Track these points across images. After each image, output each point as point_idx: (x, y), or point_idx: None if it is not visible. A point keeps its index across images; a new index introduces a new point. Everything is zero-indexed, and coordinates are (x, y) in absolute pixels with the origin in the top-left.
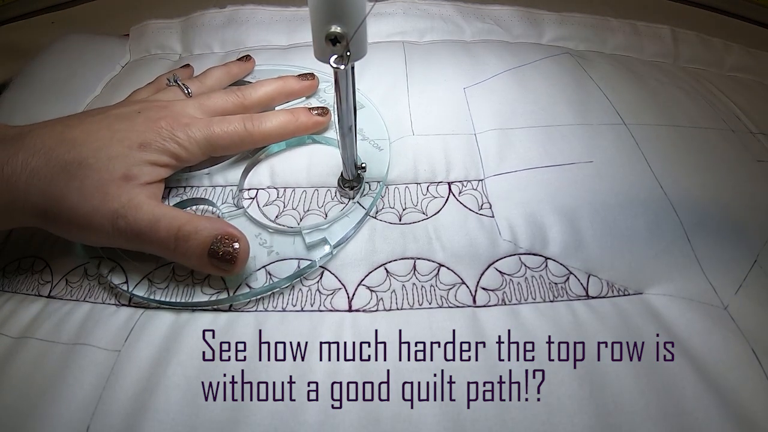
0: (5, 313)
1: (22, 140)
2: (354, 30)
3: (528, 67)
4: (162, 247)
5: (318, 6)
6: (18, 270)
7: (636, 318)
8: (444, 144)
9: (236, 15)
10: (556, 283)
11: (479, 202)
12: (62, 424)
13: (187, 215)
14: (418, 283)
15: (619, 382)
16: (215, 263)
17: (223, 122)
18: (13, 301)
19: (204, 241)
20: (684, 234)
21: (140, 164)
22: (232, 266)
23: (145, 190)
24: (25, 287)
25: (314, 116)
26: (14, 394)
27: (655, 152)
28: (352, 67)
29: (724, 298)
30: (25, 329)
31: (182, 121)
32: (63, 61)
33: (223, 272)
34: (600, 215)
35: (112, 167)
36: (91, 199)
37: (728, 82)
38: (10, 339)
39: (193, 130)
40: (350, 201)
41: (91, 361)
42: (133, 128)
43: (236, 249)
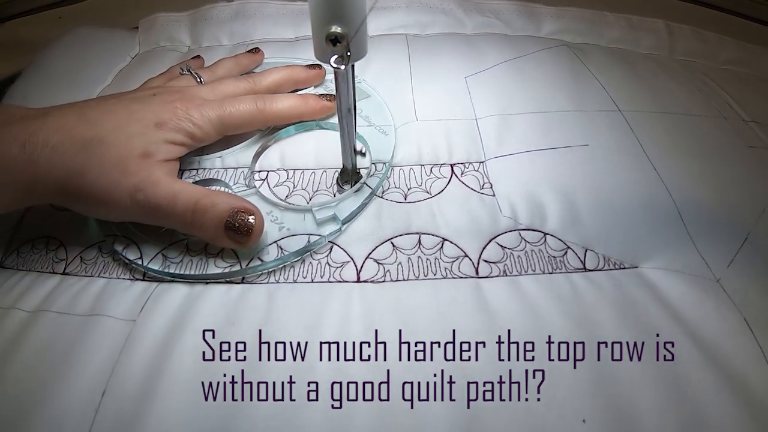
0: (20, 290)
1: (43, 119)
2: (354, 30)
3: (527, 57)
4: (179, 220)
5: (318, 6)
6: (32, 250)
7: (632, 288)
8: (446, 128)
9: (244, 8)
10: (554, 257)
11: (480, 182)
12: (79, 388)
13: (204, 190)
14: (423, 256)
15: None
16: (231, 235)
17: (235, 102)
18: (28, 278)
19: (220, 214)
20: (677, 213)
21: (158, 142)
22: (248, 238)
23: (163, 167)
24: (40, 265)
25: (323, 101)
26: (32, 362)
27: (649, 137)
28: (352, 67)
29: (716, 272)
30: (40, 303)
31: (196, 103)
32: (74, 51)
33: (238, 244)
34: (596, 194)
35: (130, 145)
36: (111, 173)
37: (722, 74)
38: (26, 313)
39: (206, 110)
40: (358, 181)
41: (107, 330)
42: (150, 109)
43: (252, 222)
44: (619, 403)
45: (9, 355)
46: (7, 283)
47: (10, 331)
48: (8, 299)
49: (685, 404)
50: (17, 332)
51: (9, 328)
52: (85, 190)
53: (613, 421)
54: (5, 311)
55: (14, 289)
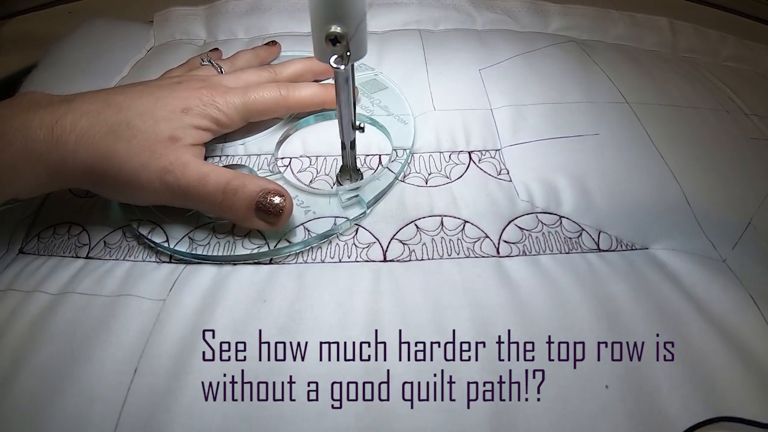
0: (43, 274)
1: (69, 104)
2: (354, 30)
3: (537, 52)
4: (209, 200)
5: (318, 6)
6: (54, 235)
7: (643, 267)
8: (463, 118)
9: (260, 3)
10: (570, 238)
11: (497, 169)
12: (110, 366)
13: (234, 172)
14: (446, 236)
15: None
16: (261, 216)
17: (259, 89)
18: (51, 262)
19: (251, 195)
20: (684, 198)
21: (184, 127)
22: (278, 219)
23: (191, 151)
24: (62, 250)
25: None
26: (59, 341)
27: (655, 127)
28: (352, 67)
29: (722, 253)
30: (65, 286)
31: (221, 90)
32: (90, 42)
33: (268, 225)
34: (607, 180)
35: (158, 128)
36: (140, 156)
37: (723, 70)
38: (50, 295)
39: (231, 97)
40: (380, 166)
41: (136, 309)
42: (176, 95)
43: (282, 203)
44: (639, 372)
45: (35, 335)
46: (29, 267)
47: (33, 313)
48: (30, 283)
49: (698, 373)
50: (42, 314)
51: (32, 310)
52: (113, 173)
53: (633, 389)
54: (27, 294)
55: (36, 274)
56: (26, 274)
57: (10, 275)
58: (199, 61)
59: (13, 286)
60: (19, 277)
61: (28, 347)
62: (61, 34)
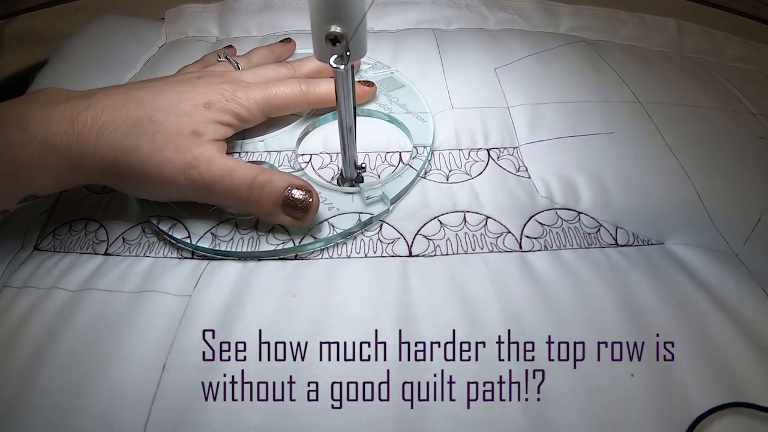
0: (60, 270)
1: (89, 99)
2: (354, 30)
3: (550, 52)
4: (234, 195)
5: (318, 6)
6: (70, 232)
7: (660, 262)
8: (481, 116)
9: (273, 1)
10: (589, 233)
11: (516, 166)
12: (137, 363)
13: (259, 167)
14: (470, 232)
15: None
16: (289, 211)
17: (280, 84)
18: (68, 259)
19: (279, 190)
20: (696, 194)
21: (207, 122)
22: (305, 214)
23: (214, 145)
24: (79, 247)
25: (362, 86)
26: (81, 338)
27: (667, 126)
28: (351, 67)
29: (734, 247)
30: (84, 282)
31: (241, 85)
32: (101, 39)
33: (294, 221)
34: (623, 177)
35: (181, 123)
36: (163, 151)
37: (729, 71)
38: (70, 292)
39: (252, 92)
40: (401, 163)
41: (161, 305)
42: (197, 90)
43: (310, 198)
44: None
45: (56, 332)
46: (45, 264)
47: (53, 310)
48: (48, 280)
49: (716, 361)
50: (62, 311)
51: (51, 307)
52: (136, 168)
53: (657, 376)
54: (46, 291)
55: (53, 270)
56: (43, 271)
57: (26, 272)
58: (214, 58)
59: (29, 283)
60: (35, 274)
61: (49, 344)
62: (68, 32)
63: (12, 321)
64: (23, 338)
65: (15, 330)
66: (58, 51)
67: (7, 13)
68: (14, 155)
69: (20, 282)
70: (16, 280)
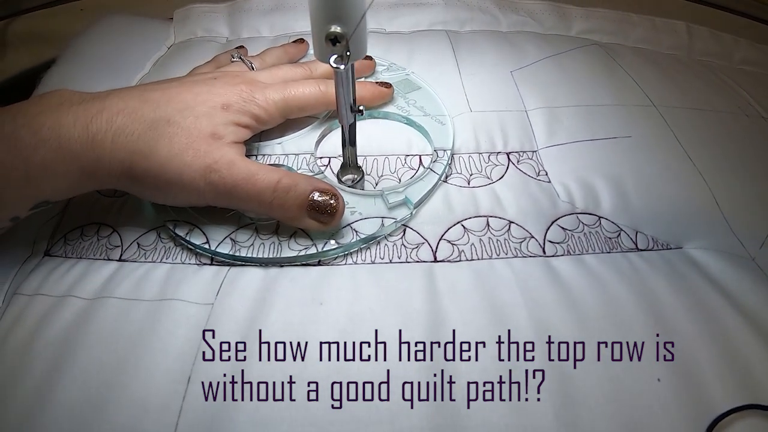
0: (74, 277)
1: (103, 101)
2: (353, 30)
3: (564, 55)
4: (258, 199)
5: (318, 6)
6: (81, 237)
7: (680, 266)
8: (499, 119)
9: (284, 1)
10: (610, 238)
11: (536, 170)
12: (161, 375)
13: (282, 171)
14: (493, 237)
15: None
16: (314, 215)
17: (298, 85)
18: (80, 266)
19: (304, 193)
20: (713, 198)
21: (225, 124)
22: (331, 218)
23: (234, 148)
24: (92, 252)
25: (380, 87)
26: (99, 349)
27: (682, 130)
28: (351, 67)
29: (751, 251)
30: (100, 290)
31: (259, 86)
32: (109, 39)
33: (320, 225)
34: (641, 181)
35: (199, 125)
36: (182, 154)
37: (738, 74)
38: (84, 300)
39: (270, 93)
40: (421, 166)
41: (182, 314)
42: (215, 91)
43: (336, 202)
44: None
45: (72, 343)
46: (57, 271)
47: (67, 318)
48: (60, 287)
49: (736, 363)
50: (77, 320)
51: (66, 316)
52: (154, 173)
53: (681, 379)
54: (59, 299)
55: (66, 277)
56: (55, 278)
57: (38, 279)
58: (227, 58)
59: (41, 291)
60: (47, 281)
61: (66, 355)
62: (71, 31)
63: (25, 330)
64: (38, 348)
65: (28, 339)
66: (65, 51)
67: (10, 13)
68: (26, 159)
69: (32, 289)
70: (28, 287)
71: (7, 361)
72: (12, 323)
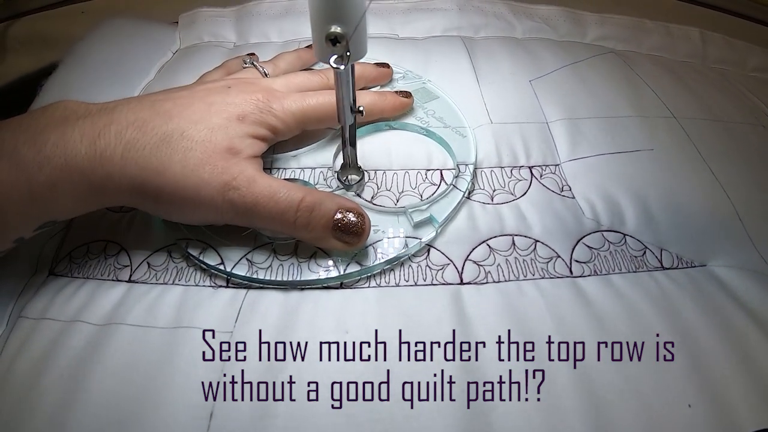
0: (81, 300)
1: (111, 113)
2: (353, 30)
3: (582, 63)
4: (280, 219)
5: (318, 6)
6: (87, 255)
7: (705, 285)
8: (521, 131)
9: (294, 6)
10: (635, 256)
11: (559, 185)
12: (181, 411)
13: (305, 188)
14: (519, 257)
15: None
16: (340, 236)
17: (317, 95)
18: (88, 287)
19: (329, 213)
20: (735, 213)
21: (242, 137)
22: (358, 239)
23: (253, 163)
24: (99, 272)
25: (400, 97)
26: (113, 381)
27: (703, 143)
28: (351, 67)
29: None
30: (109, 315)
31: (276, 95)
32: (113, 44)
33: (345, 245)
34: (665, 196)
35: (215, 139)
36: (199, 171)
37: (752, 82)
38: (94, 326)
39: (287, 102)
40: (443, 182)
41: (200, 343)
42: (229, 101)
43: (363, 222)
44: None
45: (84, 374)
46: (63, 292)
47: (77, 346)
48: (68, 311)
49: (761, 384)
50: (87, 347)
51: (75, 343)
52: (168, 190)
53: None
54: (67, 324)
55: (73, 300)
56: (61, 301)
57: (43, 301)
58: (238, 64)
59: (47, 315)
60: (53, 304)
61: (77, 389)
62: (73, 34)
63: (32, 359)
64: (46, 382)
65: (36, 370)
66: (67, 57)
67: (10, 15)
68: (30, 179)
69: (37, 312)
70: (33, 309)
71: (15, 393)
72: (18, 350)
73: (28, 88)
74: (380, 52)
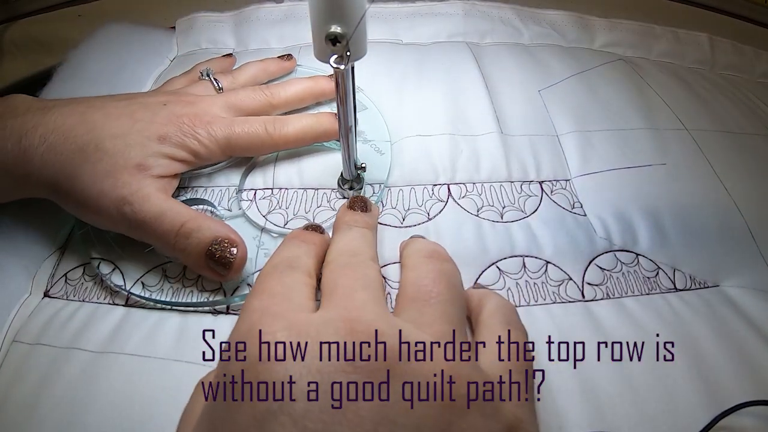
0: (77, 325)
1: (44, 115)
2: (353, 30)
3: (591, 72)
4: (162, 239)
5: (318, 6)
6: (83, 276)
7: (719, 307)
8: (531, 144)
9: (294, 10)
10: (648, 278)
11: (570, 202)
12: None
13: (193, 212)
14: (530, 280)
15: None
16: (212, 265)
17: (245, 123)
18: (84, 310)
19: (203, 241)
20: (748, 231)
21: (156, 156)
22: (228, 271)
23: (156, 183)
24: (96, 295)
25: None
26: (112, 417)
27: (715, 156)
28: (352, 67)
29: None
30: (106, 343)
31: (205, 119)
32: (110, 51)
33: (218, 276)
34: (678, 214)
35: (127, 154)
36: (102, 182)
37: (761, 89)
38: (91, 353)
39: (214, 129)
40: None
41: (199, 370)
42: (155, 120)
43: (234, 254)
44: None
45: (83, 408)
46: (59, 316)
47: (73, 374)
48: (64, 337)
49: None
50: (84, 376)
51: (72, 371)
52: (75, 195)
53: None
54: (63, 351)
55: (69, 325)
56: (57, 326)
57: (38, 325)
58: (198, 74)
59: (42, 340)
60: (49, 329)
61: (74, 421)
62: (69, 37)
63: (28, 387)
64: (43, 411)
65: (32, 400)
66: (63, 64)
67: (7, 18)
68: None
69: (32, 337)
70: (27, 334)
71: (11, 421)
72: (13, 377)
73: (24, 91)
74: (372, 62)
